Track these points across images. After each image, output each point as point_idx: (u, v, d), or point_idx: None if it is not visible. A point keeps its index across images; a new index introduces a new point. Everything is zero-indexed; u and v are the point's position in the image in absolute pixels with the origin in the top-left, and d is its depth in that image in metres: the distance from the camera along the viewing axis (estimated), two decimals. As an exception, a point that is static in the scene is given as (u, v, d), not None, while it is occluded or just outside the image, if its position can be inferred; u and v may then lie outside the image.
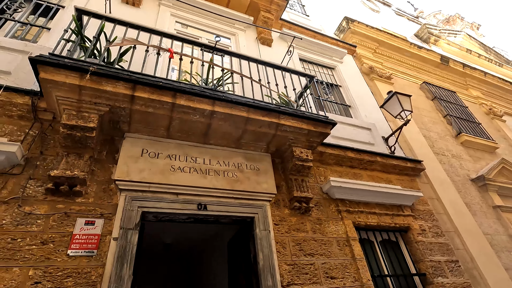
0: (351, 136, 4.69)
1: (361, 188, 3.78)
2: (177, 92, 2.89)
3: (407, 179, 4.68)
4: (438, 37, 10.95)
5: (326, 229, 3.41)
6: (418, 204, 4.39)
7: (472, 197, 5.20)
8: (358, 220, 3.67)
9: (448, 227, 4.37)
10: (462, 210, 4.68)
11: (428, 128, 6.25)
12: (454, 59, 8.96)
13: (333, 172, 4.10)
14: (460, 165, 5.79)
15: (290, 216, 3.32)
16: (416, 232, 3.95)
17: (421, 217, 4.24)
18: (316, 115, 3.56)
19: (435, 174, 5.03)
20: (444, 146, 6.02)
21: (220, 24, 5.35)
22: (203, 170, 3.10)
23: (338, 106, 5.55)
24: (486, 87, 9.37)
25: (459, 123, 6.84)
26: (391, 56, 7.80)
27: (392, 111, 4.90)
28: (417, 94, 7.27)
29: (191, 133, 3.22)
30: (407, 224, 3.99)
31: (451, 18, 19.04)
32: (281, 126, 3.38)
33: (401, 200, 4.13)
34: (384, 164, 4.48)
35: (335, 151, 4.14)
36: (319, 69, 6.09)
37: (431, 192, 4.75)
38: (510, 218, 5.14)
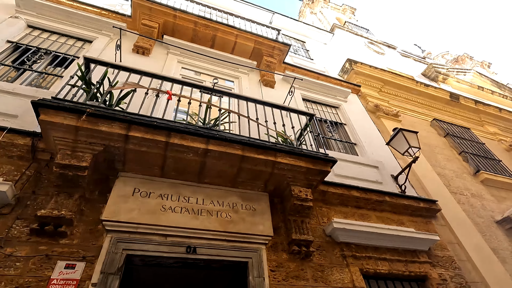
0: (357, 174, 4.50)
1: (368, 231, 3.49)
2: (171, 131, 2.93)
3: (421, 221, 4.32)
4: (447, 76, 10.98)
5: (329, 277, 3.09)
6: (436, 249, 3.98)
7: (500, 241, 4.67)
8: (366, 266, 3.33)
9: (474, 276, 3.87)
10: (489, 256, 4.18)
11: (442, 166, 5.93)
12: (464, 96, 8.84)
13: (337, 213, 3.86)
14: (482, 205, 5.33)
15: (288, 262, 3.06)
16: (436, 283, 3.51)
17: (440, 264, 3.80)
18: (314, 153, 3.47)
19: (453, 215, 4.63)
20: (462, 185, 5.63)
21: (224, 69, 5.63)
22: (195, 210, 2.99)
23: (344, 144, 5.44)
24: (503, 123, 9.02)
25: (476, 160, 6.47)
26: (398, 94, 7.80)
27: (399, 148, 4.73)
28: (427, 131, 7.07)
29: (185, 172, 3.19)
30: (424, 272, 3.57)
31: (459, 58, 19.28)
32: (277, 164, 3.30)
33: (415, 244, 3.76)
34: (394, 204, 4.18)
35: (339, 190, 3.94)
36: (323, 108, 6.13)
37: (450, 236, 4.32)
38: (549, 267, 4.51)
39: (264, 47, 6.04)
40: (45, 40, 4.53)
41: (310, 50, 8.82)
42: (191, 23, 5.60)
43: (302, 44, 9.11)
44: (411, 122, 7.04)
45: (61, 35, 4.75)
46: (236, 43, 5.94)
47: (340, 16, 15.03)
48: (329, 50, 9.42)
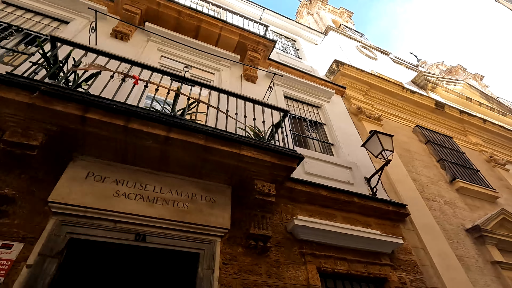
0: (329, 174, 4.47)
1: (330, 230, 3.47)
2: (131, 116, 2.86)
3: (389, 224, 4.31)
4: (436, 84, 11.04)
5: (284, 273, 3.06)
6: (400, 252, 3.97)
7: (467, 249, 4.69)
8: (324, 265, 3.30)
9: (435, 282, 3.87)
10: (453, 263, 4.18)
11: (418, 172, 5.95)
12: (450, 105, 8.89)
13: (303, 211, 3.82)
14: (453, 213, 5.35)
15: (243, 256, 3.01)
16: (394, 286, 3.50)
17: (402, 268, 3.79)
18: (281, 148, 3.42)
19: (422, 220, 4.63)
20: (436, 192, 5.64)
21: (206, 60, 5.56)
22: (151, 198, 2.93)
23: (321, 143, 5.41)
24: (486, 135, 9.10)
25: (454, 168, 6.50)
26: (383, 99, 7.81)
27: (373, 150, 4.71)
28: (409, 137, 7.09)
29: (145, 159, 3.13)
30: (384, 275, 3.56)
31: (453, 68, 19.46)
32: (242, 157, 3.24)
33: (378, 246, 3.74)
34: (362, 205, 4.17)
35: (306, 188, 3.91)
36: (304, 107, 6.10)
37: (416, 241, 4.32)
38: (510, 277, 4.55)
39: (249, 41, 5.98)
40: (19, 18, 4.41)
41: (299, 50, 8.78)
42: (175, 12, 5.51)
43: (292, 43, 9.08)
44: (393, 127, 7.05)
45: (36, 13, 4.63)
46: (221, 35, 5.88)
47: (336, 19, 15.04)
48: (320, 51, 9.40)
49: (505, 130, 9.45)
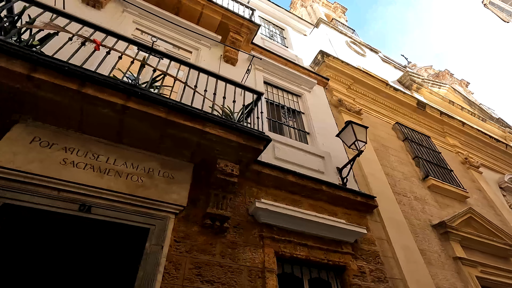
0: (300, 161, 4.40)
1: (292, 215, 3.39)
2: (86, 80, 2.68)
3: (356, 215, 4.29)
4: (421, 85, 11.14)
5: (239, 255, 2.97)
6: (363, 243, 3.96)
7: (430, 244, 4.74)
8: (283, 250, 3.23)
9: (395, 273, 3.88)
10: (414, 256, 4.21)
11: (393, 167, 5.96)
12: (431, 106, 8.97)
13: (269, 195, 3.74)
14: (422, 208, 5.40)
15: (198, 235, 2.91)
16: (353, 274, 3.48)
17: (363, 257, 3.78)
18: (248, 128, 3.30)
19: (390, 214, 4.64)
20: (407, 187, 5.68)
21: (185, 38, 5.35)
22: (102, 169, 2.77)
23: (298, 132, 5.33)
24: (464, 137, 9.26)
25: (428, 166, 6.57)
26: (366, 94, 7.78)
27: (347, 141, 4.67)
28: (388, 133, 7.11)
29: (101, 128, 2.95)
30: (344, 263, 3.53)
31: (440, 73, 19.74)
32: (206, 135, 3.11)
33: (341, 235, 3.71)
34: (331, 194, 4.12)
35: (274, 172, 3.82)
36: (284, 95, 5.99)
37: (381, 233, 4.32)
38: (472, 273, 4.63)
39: (232, 22, 5.80)
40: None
41: (287, 39, 8.63)
42: (155, -16, 5.26)
43: (280, 31, 8.91)
44: (373, 122, 7.05)
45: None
46: (203, 14, 5.66)
47: (330, 13, 14.91)
48: (308, 42, 9.28)
49: (482, 134, 9.65)
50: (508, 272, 5.18)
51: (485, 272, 4.86)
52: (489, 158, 9.40)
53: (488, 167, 8.98)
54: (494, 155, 9.70)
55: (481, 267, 4.85)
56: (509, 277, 5.11)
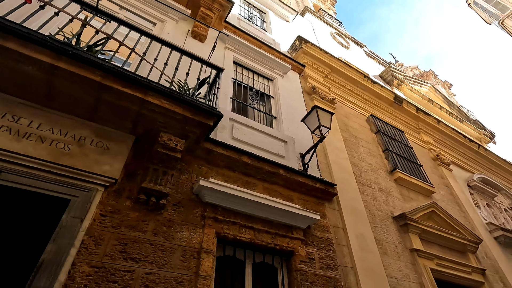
0: (260, 144, 4.22)
1: (239, 195, 3.22)
2: (8, 33, 2.38)
3: (313, 201, 4.17)
4: (402, 82, 11.14)
5: (175, 234, 2.78)
6: (316, 229, 3.85)
7: (389, 235, 4.70)
8: (226, 231, 3.07)
9: (346, 261, 3.80)
10: (369, 246, 4.15)
11: (361, 158, 5.89)
12: (408, 101, 8.96)
13: (220, 175, 3.55)
14: (385, 200, 5.36)
15: (130, 210, 2.70)
16: (300, 259, 3.36)
17: (314, 244, 3.67)
18: (197, 101, 3.07)
19: (350, 203, 4.56)
20: (373, 179, 5.62)
21: (149, 8, 5.02)
22: (21, 133, 2.50)
23: (264, 115, 5.15)
24: (438, 135, 9.33)
25: (397, 160, 6.54)
26: (343, 84, 7.66)
27: (311, 126, 4.52)
28: (361, 124, 7.03)
29: (26, 89, 2.67)
30: (292, 248, 3.41)
31: (425, 73, 19.96)
32: (148, 104, 2.87)
33: (292, 220, 3.58)
34: (288, 179, 3.97)
35: (228, 152, 3.63)
36: (255, 77, 5.77)
37: (338, 221, 4.23)
38: (427, 265, 4.63)
39: (203, -4, 5.49)
40: None
41: (267, 23, 8.36)
42: None
43: (261, 15, 8.63)
44: (346, 113, 6.95)
45: None
46: (172, -16, 5.33)
47: (318, 3, 14.68)
48: (289, 28, 9.03)
49: (456, 133, 9.75)
50: (464, 266, 5.23)
51: (441, 265, 4.87)
52: (461, 157, 9.53)
53: (459, 165, 9.10)
54: (466, 155, 9.85)
55: (437, 260, 4.87)
56: (464, 271, 5.16)
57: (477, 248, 5.83)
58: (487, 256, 6.17)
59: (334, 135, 5.75)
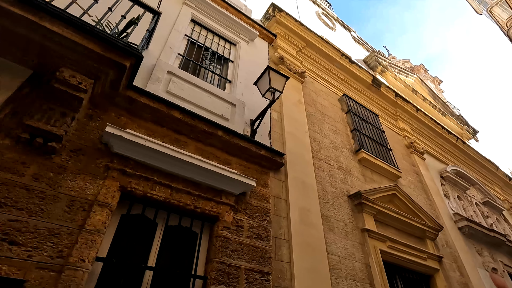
0: (201, 103, 3.82)
1: (158, 150, 2.84)
2: None
3: (256, 169, 3.82)
4: (386, 68, 10.79)
5: (64, 182, 2.39)
6: (253, 197, 3.51)
7: (339, 212, 4.41)
8: (134, 186, 2.70)
9: (282, 233, 3.49)
10: (313, 220, 3.84)
11: (324, 135, 5.55)
12: (387, 85, 8.62)
13: (142, 128, 3.15)
14: (344, 179, 5.05)
15: (6, 149, 2.28)
16: (223, 225, 3.02)
17: (247, 212, 3.34)
18: (112, 37, 2.64)
19: (299, 175, 4.22)
20: (334, 156, 5.30)
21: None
22: None
23: (218, 78, 4.73)
24: (416, 124, 9.06)
25: (364, 140, 6.22)
26: (318, 61, 7.25)
27: (262, 89, 4.13)
28: (332, 103, 6.67)
29: None
30: (216, 213, 3.06)
31: (416, 67, 19.69)
32: (46, 32, 2.43)
33: (224, 184, 3.22)
34: (227, 142, 3.60)
35: (155, 104, 3.22)
36: (215, 39, 5.32)
37: (282, 192, 3.90)
38: (377, 246, 4.36)
39: None
40: None
41: (244, -11, 7.82)
42: None
43: (238, -19, 8.06)
44: (316, 89, 6.57)
45: None
46: None
47: (310, -16, 14.05)
48: (270, 0, 8.50)
49: (434, 124, 9.51)
50: (420, 251, 5.00)
51: (394, 248, 4.62)
52: (437, 148, 9.31)
53: (434, 156, 8.88)
54: (443, 146, 9.64)
55: (390, 242, 4.61)
56: (419, 256, 4.93)
57: (436, 235, 5.61)
58: (447, 244, 5.98)
59: (297, 107, 5.39)
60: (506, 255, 7.46)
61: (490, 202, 9.18)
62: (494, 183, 11.18)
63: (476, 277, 5.77)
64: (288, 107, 5.18)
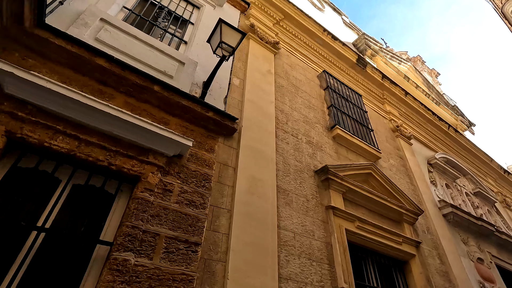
0: (140, 56, 3.37)
1: (61, 93, 2.39)
2: None
3: (201, 132, 3.38)
4: (376, 53, 10.30)
5: None
6: (192, 161, 3.07)
7: (301, 187, 3.96)
8: (26, 133, 2.25)
9: (223, 202, 3.05)
10: (265, 192, 3.39)
11: (294, 108, 5.09)
12: (373, 66, 8.14)
13: (55, 74, 2.71)
14: (312, 154, 4.60)
15: None
16: (144, 187, 2.58)
17: (180, 175, 2.90)
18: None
19: (255, 144, 3.78)
20: (303, 130, 4.84)
21: None
22: None
23: (172, 37, 4.27)
24: (405, 108, 8.59)
25: (341, 118, 5.76)
26: (298, 36, 6.78)
27: (213, 45, 3.67)
28: (310, 79, 6.20)
29: None
30: (138, 172, 2.62)
31: (413, 59, 19.16)
32: None
33: (152, 141, 2.78)
34: (166, 99, 3.16)
35: (75, 48, 2.78)
36: (175, 0, 4.86)
37: (230, 159, 3.46)
38: (343, 225, 3.92)
39: None
40: None
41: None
42: None
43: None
44: (292, 63, 6.10)
45: None
46: None
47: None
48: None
49: (425, 109, 9.04)
50: (394, 235, 4.54)
51: (363, 229, 4.18)
52: (426, 135, 8.84)
53: (422, 142, 8.41)
54: (433, 133, 9.17)
55: (359, 223, 4.16)
56: (393, 240, 4.48)
57: (415, 219, 5.16)
58: (429, 231, 5.53)
59: (265, 77, 4.93)
60: (495, 246, 7.00)
61: (481, 193, 8.72)
62: (487, 175, 10.71)
63: (458, 266, 5.32)
64: (253, 75, 4.73)
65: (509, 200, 10.28)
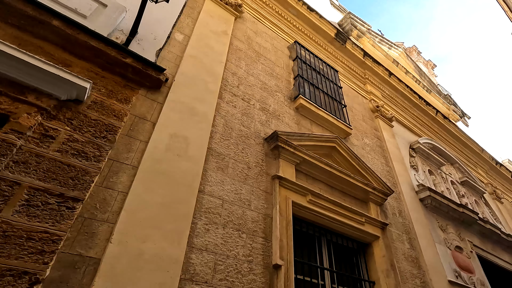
0: (48, -9, 2.87)
1: None
2: None
3: (117, 81, 2.89)
4: (363, 34, 9.75)
5: None
6: (95, 109, 2.59)
7: (243, 153, 3.47)
8: None
9: (128, 157, 2.57)
10: (187, 151, 2.90)
11: (251, 73, 4.58)
12: (354, 42, 7.61)
13: None
14: (266, 121, 4.11)
15: None
16: (12, 128, 2.08)
17: (72, 122, 2.41)
18: None
19: (189, 101, 3.29)
20: (258, 96, 4.34)
21: None
22: None
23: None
24: (388, 90, 8.07)
25: (309, 89, 5.26)
26: (270, 5, 6.24)
27: (141, -16, 3.17)
28: (276, 48, 5.68)
29: None
30: (6, 111, 2.14)
31: (408, 49, 18.56)
32: None
33: (35, 79, 2.30)
34: (68, 37, 2.68)
35: None
36: None
37: (150, 113, 2.97)
38: (290, 198, 3.44)
39: None
40: None
41: None
42: None
43: None
44: (258, 30, 5.59)
45: None
46: None
47: None
48: None
49: (410, 92, 8.50)
50: (356, 214, 4.07)
51: (317, 204, 3.70)
52: (411, 119, 8.33)
53: (406, 126, 7.91)
54: (419, 118, 8.67)
55: (312, 197, 3.68)
56: (353, 219, 4.00)
57: (384, 200, 4.68)
58: (401, 214, 5.04)
59: (218, 36, 4.42)
60: (477, 235, 6.51)
61: (469, 182, 8.21)
62: (478, 166, 10.20)
63: (431, 253, 4.84)
64: (202, 32, 4.23)
65: (499, 192, 9.78)
